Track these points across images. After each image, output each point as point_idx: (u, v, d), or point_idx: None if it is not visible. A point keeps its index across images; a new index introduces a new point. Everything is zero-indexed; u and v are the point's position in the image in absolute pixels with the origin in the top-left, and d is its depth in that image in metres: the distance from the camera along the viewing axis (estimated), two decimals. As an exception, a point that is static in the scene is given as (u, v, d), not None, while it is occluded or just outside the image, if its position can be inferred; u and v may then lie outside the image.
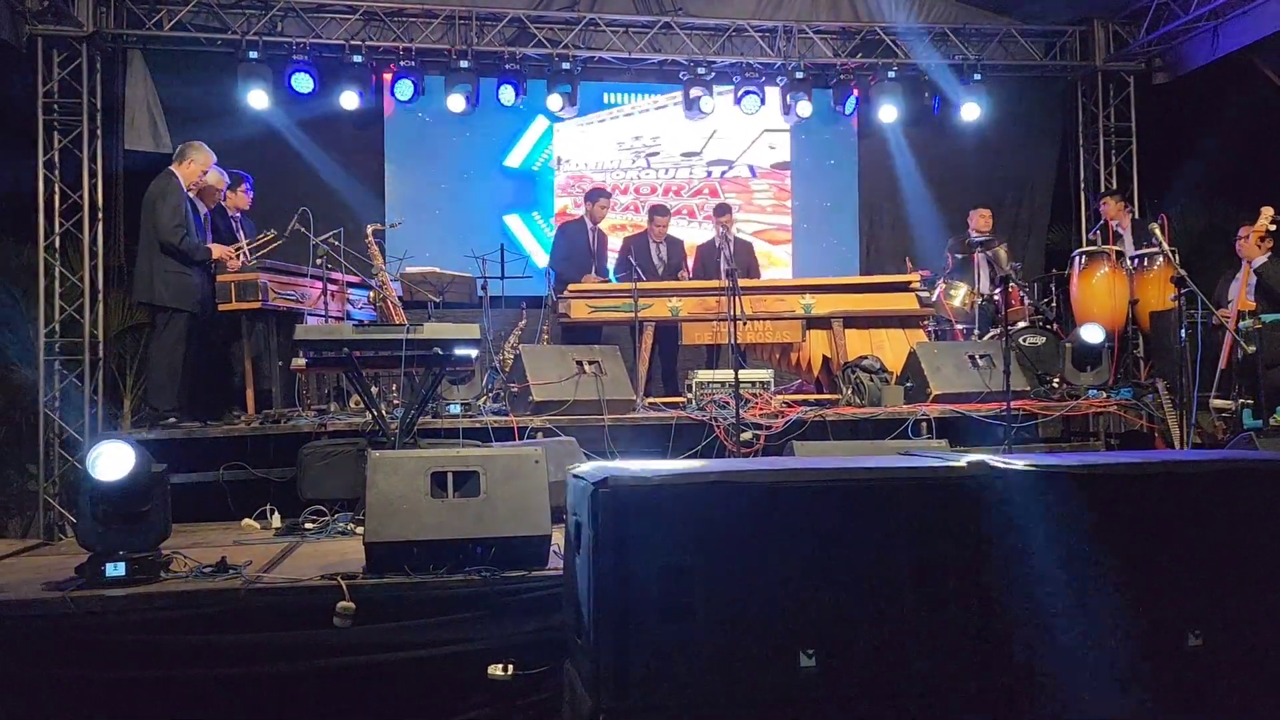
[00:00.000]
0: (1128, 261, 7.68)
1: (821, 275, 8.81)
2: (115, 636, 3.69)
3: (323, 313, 6.51)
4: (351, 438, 5.67)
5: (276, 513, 5.46)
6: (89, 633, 3.68)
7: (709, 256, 8.08)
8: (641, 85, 9.70)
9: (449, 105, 8.80)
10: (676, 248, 8.28)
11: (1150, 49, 9.30)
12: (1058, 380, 6.94)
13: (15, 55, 7.64)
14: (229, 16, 8.49)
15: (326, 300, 6.50)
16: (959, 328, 8.06)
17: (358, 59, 8.54)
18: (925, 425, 6.19)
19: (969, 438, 6.14)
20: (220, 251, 6.41)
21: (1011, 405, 5.92)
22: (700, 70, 9.10)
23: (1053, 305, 8.15)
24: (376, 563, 3.92)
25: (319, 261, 6.39)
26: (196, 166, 6.50)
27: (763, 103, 9.29)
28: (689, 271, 8.13)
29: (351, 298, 7.07)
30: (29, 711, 3.61)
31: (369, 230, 7.07)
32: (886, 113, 9.33)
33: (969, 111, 9.34)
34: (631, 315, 6.96)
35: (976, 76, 9.23)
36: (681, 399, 6.78)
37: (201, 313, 6.39)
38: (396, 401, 6.34)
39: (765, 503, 2.93)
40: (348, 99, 8.62)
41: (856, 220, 9.98)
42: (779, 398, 6.74)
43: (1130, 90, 9.50)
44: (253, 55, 8.26)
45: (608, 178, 9.51)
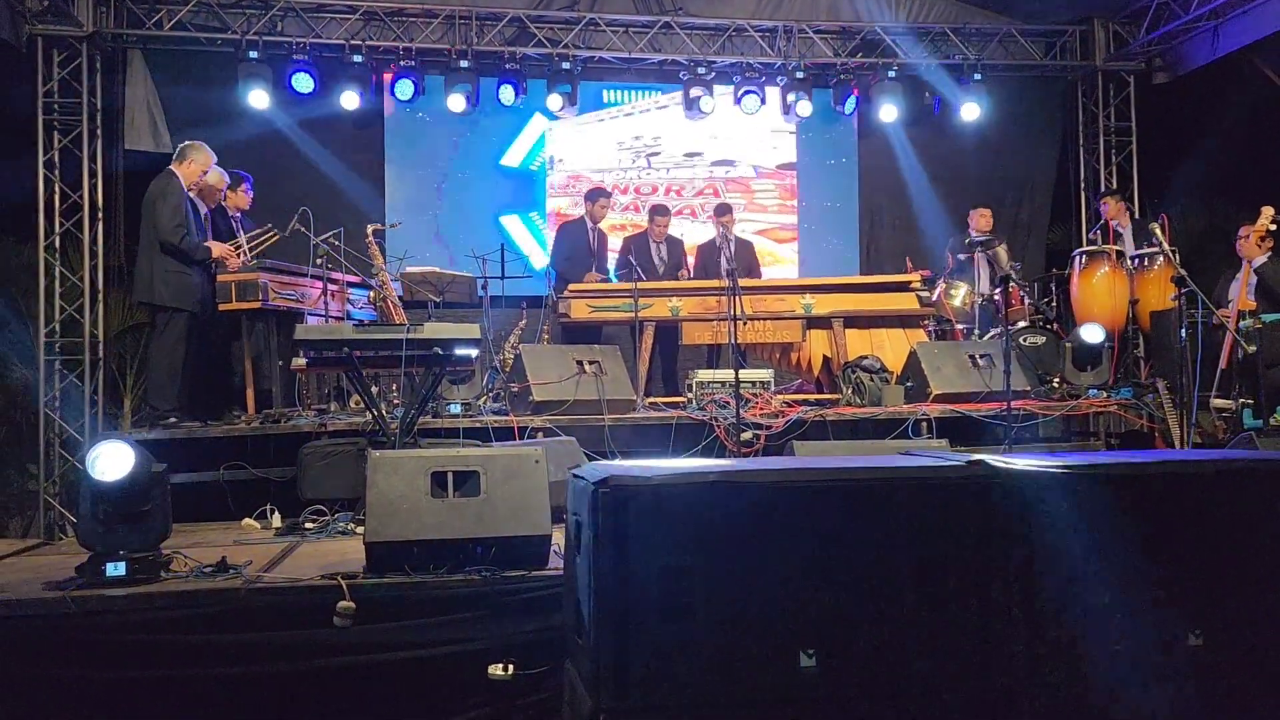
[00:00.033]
0: (1128, 261, 7.69)
1: (823, 274, 8.82)
2: (115, 636, 3.69)
3: (323, 312, 6.52)
4: (352, 437, 5.67)
5: (277, 512, 5.46)
6: (89, 632, 3.68)
7: (709, 256, 8.07)
8: (641, 85, 9.69)
9: (449, 105, 8.79)
10: (677, 247, 8.27)
11: (1150, 49, 9.30)
12: (1058, 380, 6.94)
13: (15, 55, 7.63)
14: (229, 16, 8.48)
15: (327, 300, 6.50)
16: (959, 327, 8.06)
17: (358, 59, 8.53)
18: (925, 425, 6.19)
19: (969, 437, 6.14)
20: (220, 250, 6.40)
21: (1012, 405, 5.92)
22: (700, 70, 9.09)
23: (1053, 305, 8.15)
24: (377, 562, 3.92)
25: (319, 261, 6.39)
26: (197, 166, 6.50)
27: (763, 102, 9.28)
28: (689, 271, 8.13)
29: (352, 297, 7.07)
30: (29, 711, 3.61)
31: (369, 230, 7.07)
32: (887, 112, 9.32)
33: (969, 111, 9.33)
34: (632, 315, 6.96)
35: (977, 76, 9.22)
36: (682, 399, 6.78)
37: (202, 312, 6.39)
38: (397, 401, 6.34)
39: (766, 503, 2.93)
40: (348, 99, 8.61)
41: (857, 220, 9.98)
42: (779, 397, 6.74)
43: (1130, 90, 9.49)
44: (253, 55, 8.26)
45: (606, 178, 9.49)
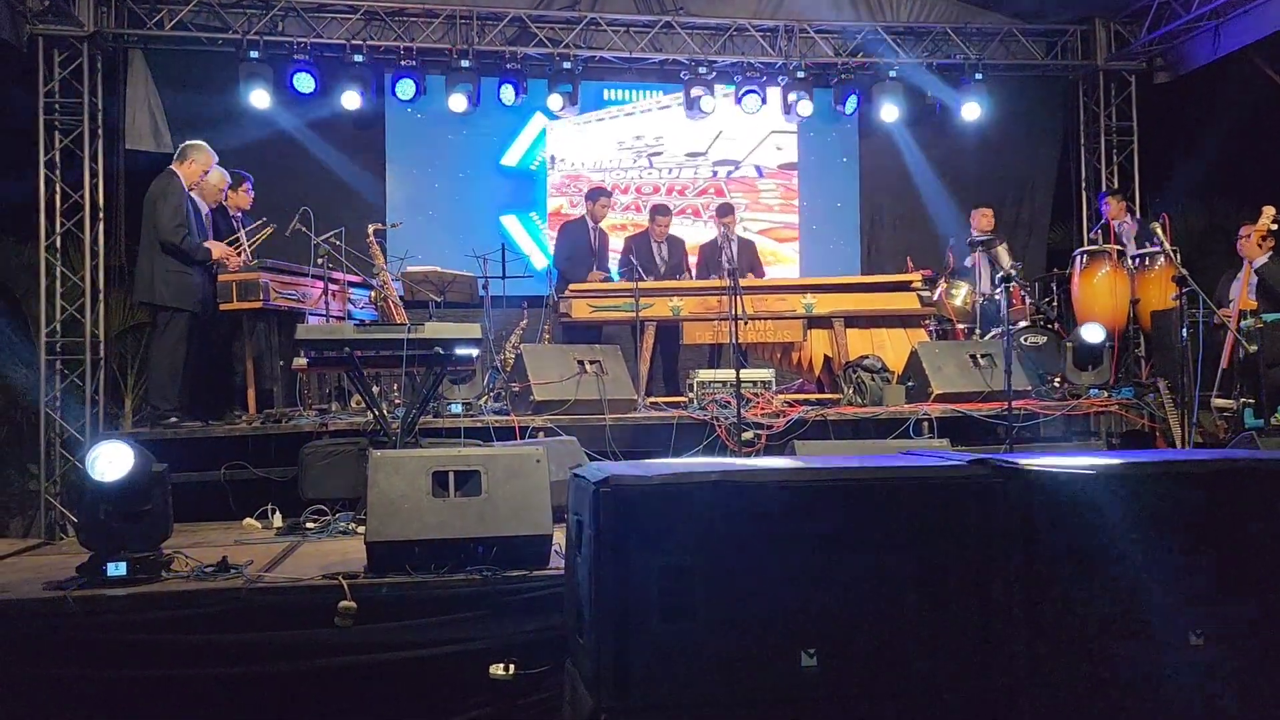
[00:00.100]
0: (1129, 261, 7.68)
1: (825, 274, 8.82)
2: (116, 636, 3.69)
3: (324, 312, 6.52)
4: (353, 437, 5.67)
5: (278, 512, 5.45)
6: (90, 632, 3.67)
7: (711, 256, 8.07)
8: (642, 85, 9.68)
9: (450, 105, 8.79)
10: (678, 247, 8.27)
11: (1151, 48, 9.29)
12: (1059, 380, 6.94)
13: (16, 55, 7.64)
14: (230, 16, 8.49)
15: (328, 300, 6.50)
16: (960, 327, 8.06)
17: (359, 59, 8.53)
18: (927, 425, 6.19)
19: (970, 437, 6.15)
20: (220, 251, 6.40)
21: (1013, 405, 5.92)
22: (701, 70, 9.09)
23: (1054, 305, 8.15)
24: (378, 562, 3.92)
25: (320, 261, 6.40)
26: (198, 166, 6.50)
27: (764, 102, 9.27)
28: (691, 272, 8.12)
29: (353, 297, 7.07)
30: (30, 711, 3.61)
31: (370, 230, 7.07)
32: (888, 112, 9.31)
33: (970, 111, 9.33)
34: (633, 315, 6.96)
35: (978, 76, 9.22)
36: (683, 398, 6.78)
37: (203, 312, 6.39)
38: (398, 401, 6.34)
39: (767, 502, 2.93)
40: (349, 99, 8.61)
41: (858, 220, 9.98)
42: (780, 397, 6.74)
43: (1131, 89, 9.49)
44: (254, 55, 8.26)
45: (606, 177, 9.49)
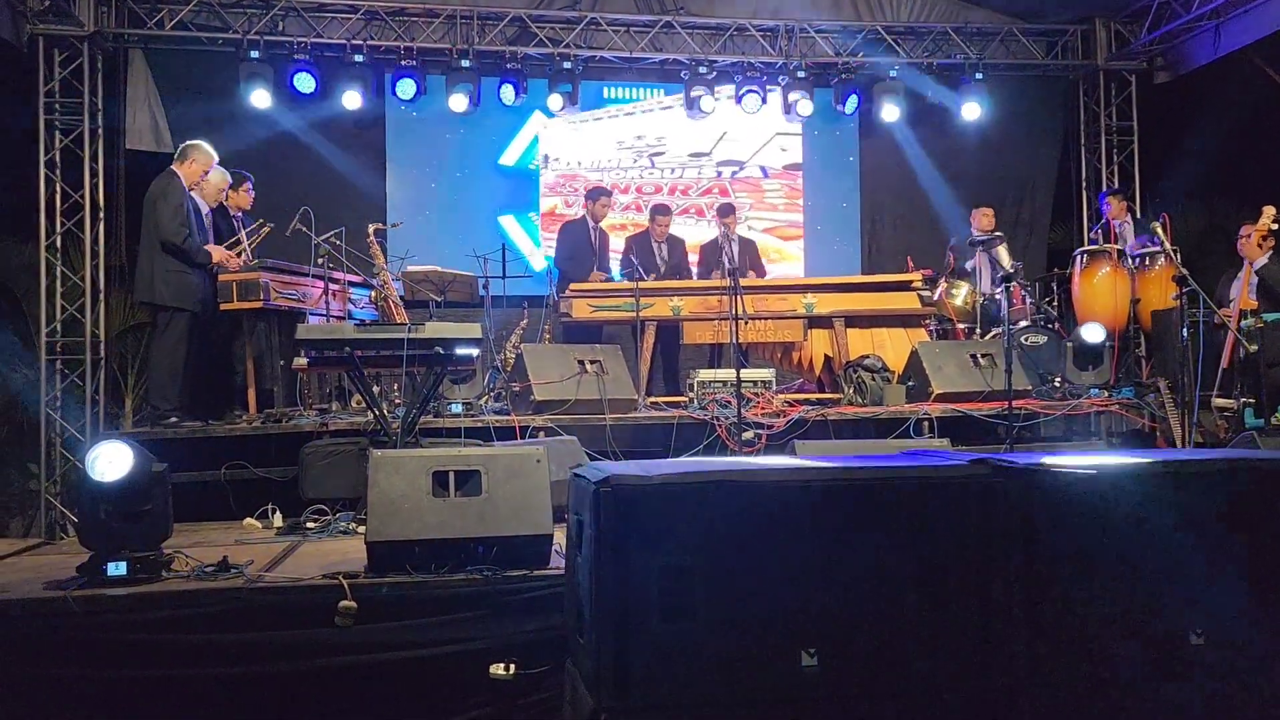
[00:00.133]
0: (1129, 261, 7.68)
1: (826, 274, 8.83)
2: (116, 636, 3.69)
3: (324, 312, 6.52)
4: (353, 437, 5.67)
5: (278, 512, 5.46)
6: (90, 632, 3.68)
7: (712, 256, 8.07)
8: (643, 84, 9.67)
9: (451, 105, 8.78)
10: (678, 247, 8.27)
11: (1152, 48, 9.29)
12: (1059, 379, 6.93)
13: (16, 55, 7.63)
14: (230, 16, 8.48)
15: (328, 299, 6.50)
16: (961, 327, 8.06)
17: (359, 58, 8.52)
18: (927, 424, 6.20)
19: (971, 437, 6.15)
20: (220, 255, 6.41)
21: (1013, 404, 5.92)
22: (702, 70, 9.08)
23: (1054, 304, 8.15)
24: (378, 562, 3.92)
25: (321, 261, 6.40)
26: (198, 166, 6.51)
27: (764, 101, 9.25)
28: (692, 271, 8.12)
29: (353, 297, 7.06)
30: (30, 711, 3.61)
31: (370, 230, 7.06)
32: (888, 112, 9.30)
33: (970, 111, 9.32)
34: (633, 314, 6.96)
35: (978, 76, 9.21)
36: (683, 398, 6.78)
37: (203, 312, 6.39)
38: (398, 401, 6.34)
39: (767, 502, 2.93)
40: (349, 98, 8.60)
41: (859, 219, 9.97)
42: (781, 397, 6.74)
43: (1132, 89, 9.48)
44: (254, 55, 8.25)
45: (605, 177, 9.47)
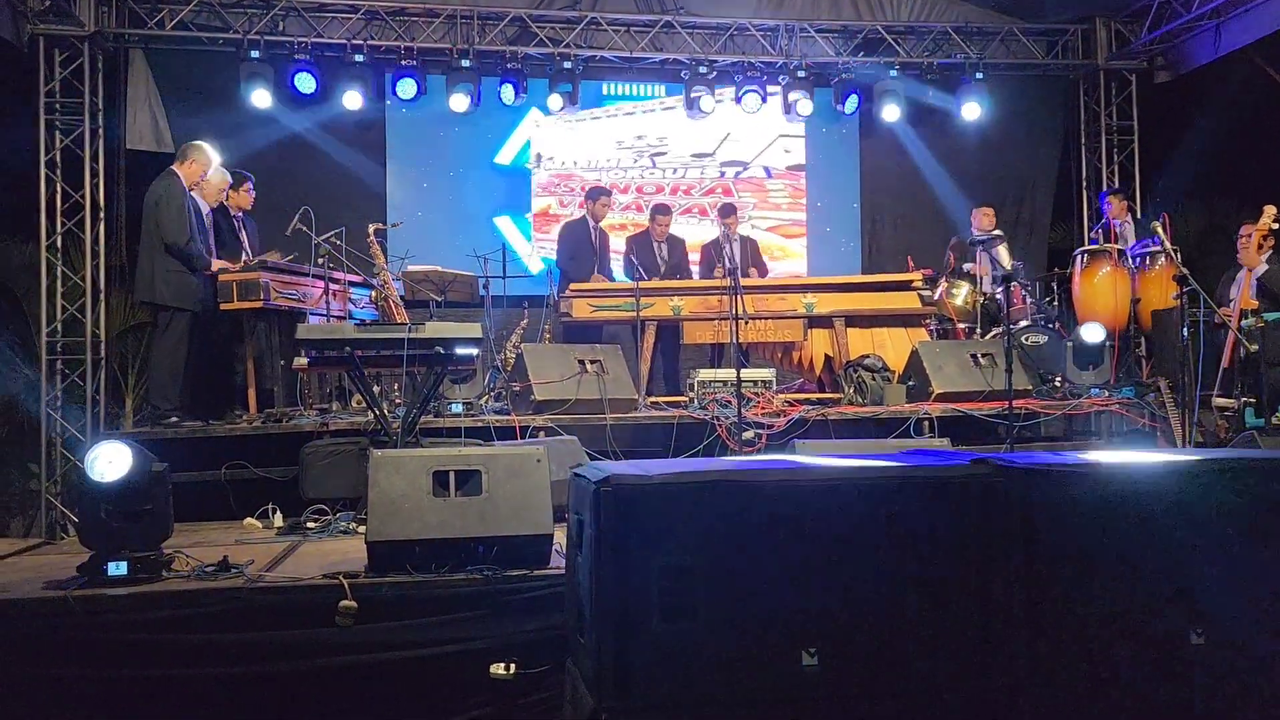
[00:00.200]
0: (1129, 260, 7.68)
1: (827, 274, 8.83)
2: (117, 635, 3.69)
3: (324, 312, 6.52)
4: (353, 437, 5.67)
5: (279, 512, 5.46)
6: (90, 632, 3.68)
7: (714, 255, 8.08)
8: (645, 84, 9.66)
9: (451, 105, 8.78)
10: (678, 247, 8.27)
11: (1152, 47, 9.28)
12: (1060, 379, 6.93)
13: (16, 55, 7.63)
14: (230, 16, 8.48)
15: (328, 299, 6.50)
16: (961, 326, 8.06)
17: (359, 58, 8.52)
18: (927, 424, 6.19)
19: (971, 437, 6.15)
20: (220, 268, 6.45)
21: (1013, 404, 5.92)
22: (702, 69, 9.07)
23: (1055, 304, 8.14)
24: (378, 562, 3.92)
25: (321, 261, 6.40)
26: (198, 166, 6.51)
27: (764, 100, 9.25)
28: (693, 270, 8.12)
29: (353, 297, 7.07)
30: (30, 711, 3.61)
31: (371, 229, 7.05)
32: (889, 112, 9.29)
33: (971, 110, 9.31)
34: (633, 314, 6.96)
35: (978, 75, 9.21)
36: (683, 398, 6.78)
37: (203, 312, 6.40)
38: (398, 400, 6.34)
39: (767, 502, 2.93)
40: (349, 98, 8.60)
41: (859, 219, 9.97)
42: (781, 397, 6.75)
43: (1132, 89, 9.48)
44: (254, 55, 8.24)
45: (603, 176, 9.45)
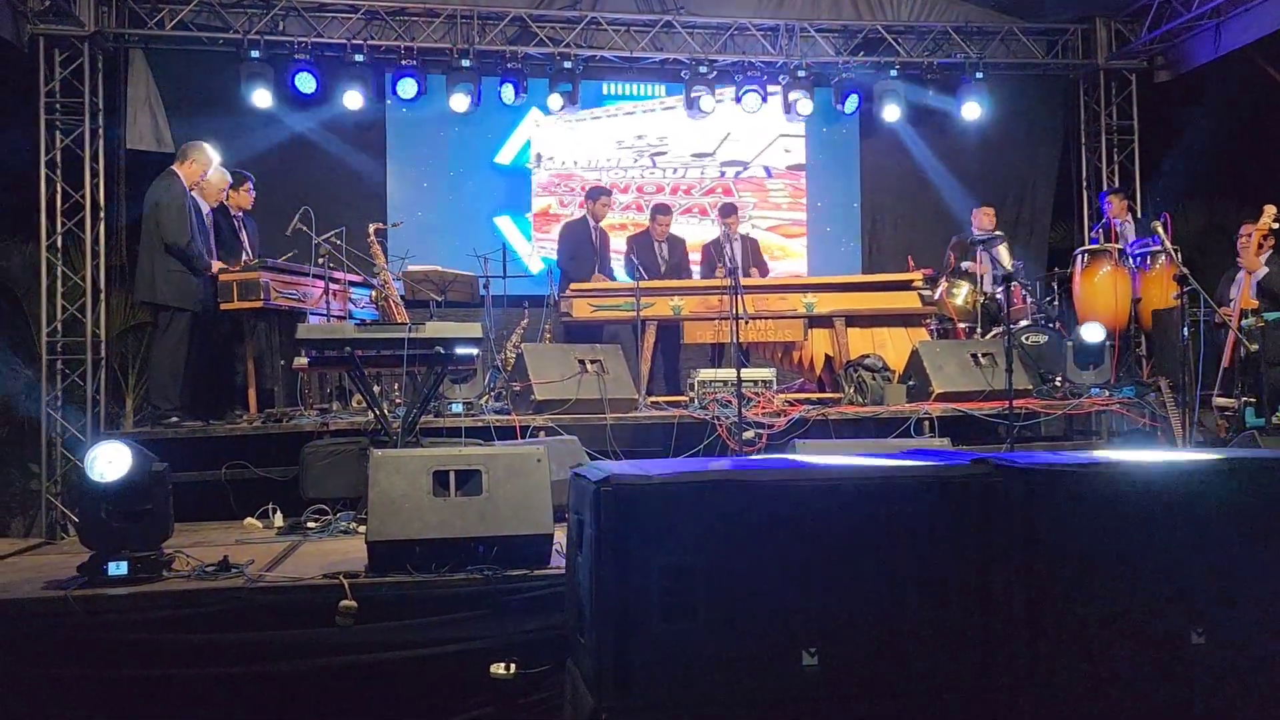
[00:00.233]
0: (1130, 260, 7.67)
1: (828, 273, 8.83)
2: (117, 635, 3.69)
3: (325, 312, 6.52)
4: (354, 437, 5.67)
5: (279, 512, 5.45)
6: (91, 632, 3.68)
7: (714, 255, 8.08)
8: (645, 84, 9.65)
9: (452, 105, 8.77)
10: (679, 246, 8.27)
11: (1152, 47, 9.28)
12: (1060, 379, 6.93)
13: (16, 55, 7.63)
14: (230, 16, 8.48)
15: (328, 299, 6.50)
16: (961, 326, 8.06)
17: (359, 58, 8.52)
18: (928, 424, 6.20)
19: (971, 436, 6.15)
20: (220, 268, 6.46)
21: (1014, 404, 5.91)
22: (702, 69, 9.07)
23: (1055, 304, 8.14)
24: (379, 561, 3.92)
25: (321, 260, 6.40)
26: (199, 166, 6.52)
27: (764, 100, 9.26)
28: (693, 270, 8.12)
29: (353, 296, 7.07)
30: (30, 711, 3.61)
31: (371, 229, 7.05)
32: (889, 112, 9.29)
33: (971, 110, 9.31)
34: (634, 314, 6.96)
35: (978, 75, 9.21)
36: (684, 398, 6.78)
37: (203, 312, 6.41)
38: (399, 400, 6.35)
39: (768, 502, 2.93)
40: (349, 98, 8.60)
41: (859, 219, 9.97)
42: (781, 396, 6.75)
43: (1132, 88, 9.48)
44: (255, 55, 8.25)
45: (603, 176, 9.44)
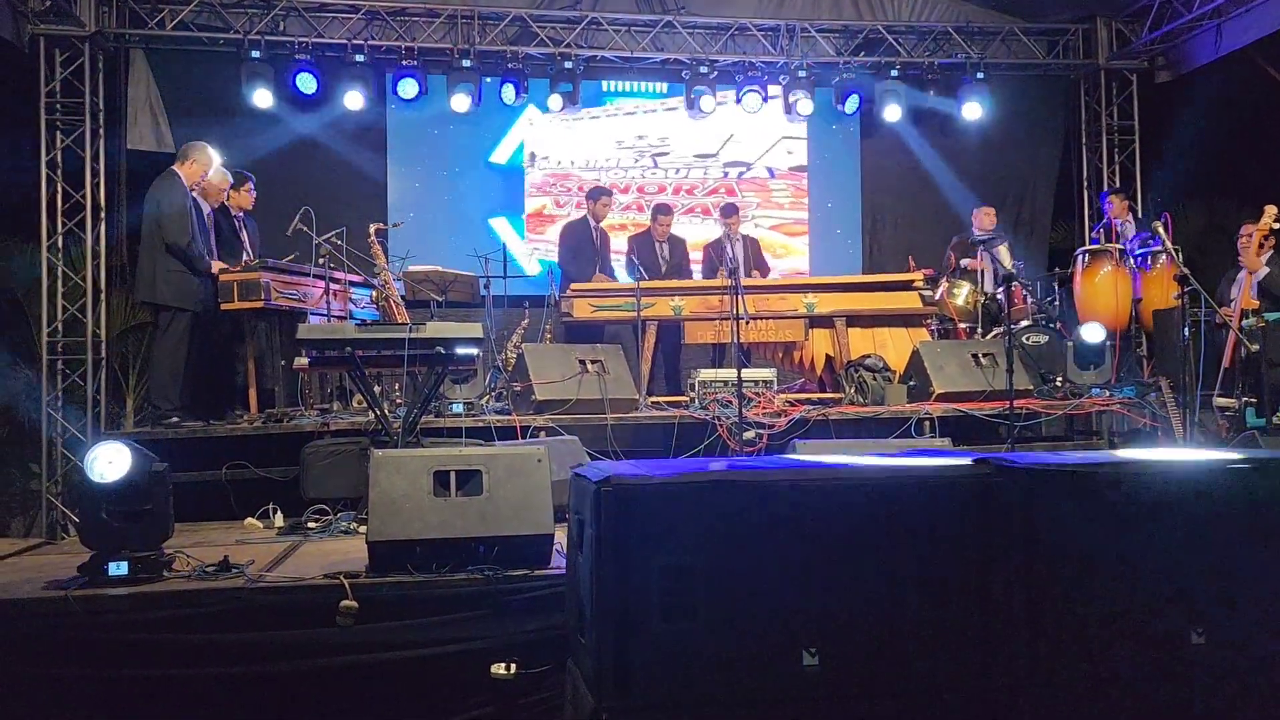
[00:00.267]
0: (1130, 260, 7.67)
1: (829, 273, 8.82)
2: (117, 635, 3.69)
3: (325, 312, 6.52)
4: (354, 437, 5.67)
5: (279, 512, 5.45)
6: (91, 632, 3.68)
7: (716, 255, 8.08)
8: (646, 83, 9.65)
9: (453, 105, 8.77)
10: (679, 246, 8.27)
11: (1153, 47, 9.28)
12: (1061, 379, 6.93)
13: (17, 55, 7.64)
14: (231, 16, 8.48)
15: (329, 299, 6.50)
16: (962, 326, 8.05)
17: (360, 58, 8.52)
18: (928, 424, 6.20)
19: (972, 437, 6.15)
20: (221, 268, 6.45)
21: (1014, 404, 5.91)
22: (703, 69, 9.07)
23: (1055, 304, 8.14)
24: (379, 562, 3.92)
25: (321, 261, 6.40)
26: (199, 166, 6.52)
27: (765, 100, 9.25)
28: (694, 270, 8.12)
29: (354, 297, 7.07)
30: (30, 711, 3.61)
31: (371, 229, 7.05)
32: (890, 112, 9.28)
33: (971, 110, 9.31)
34: (634, 314, 6.96)
35: (979, 75, 9.20)
36: (684, 398, 6.78)
37: (204, 312, 6.41)
38: (399, 400, 6.35)
39: (768, 502, 2.92)
40: (350, 99, 8.59)
41: (860, 219, 9.97)
42: (782, 397, 6.74)
43: (1133, 88, 9.47)
44: (255, 55, 8.24)
45: (601, 176, 9.43)
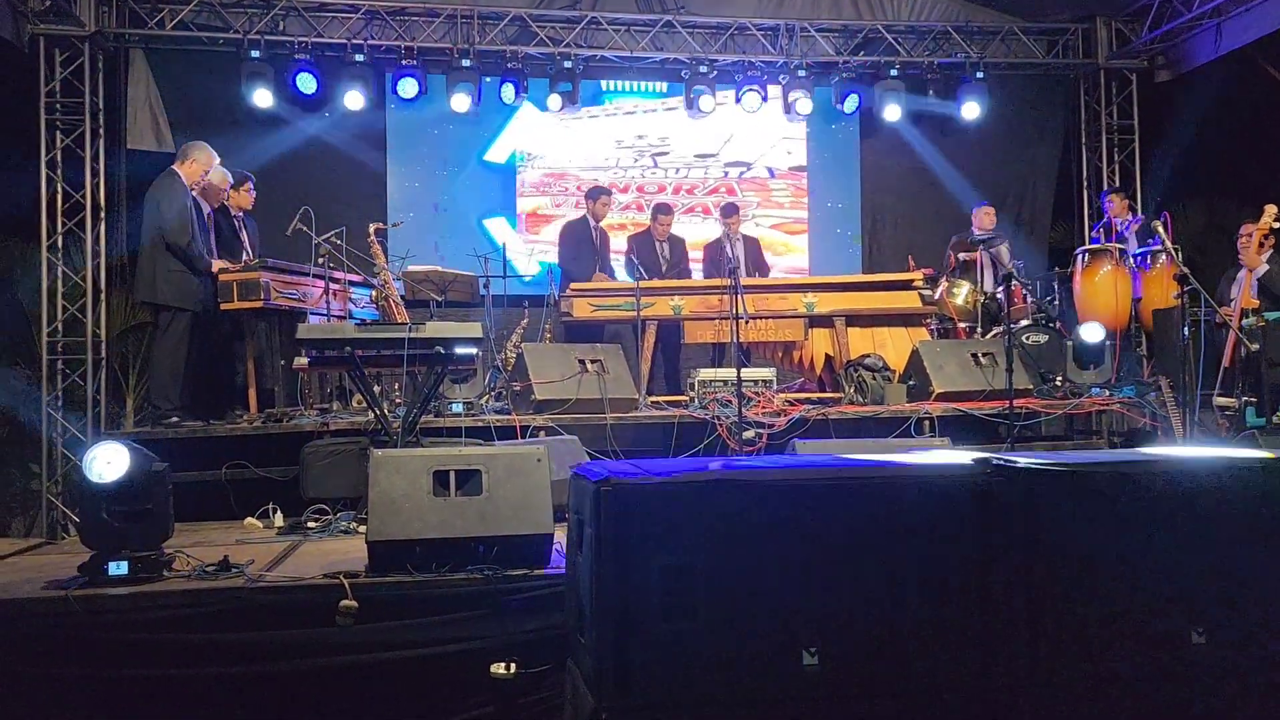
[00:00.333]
0: (1130, 260, 7.67)
1: (831, 273, 8.82)
2: (117, 635, 3.69)
3: (325, 311, 6.52)
4: (354, 437, 5.67)
5: (279, 512, 5.46)
6: (91, 632, 3.68)
7: (715, 255, 8.08)
8: (646, 83, 9.64)
9: (453, 105, 8.77)
10: (679, 246, 8.27)
11: (1153, 46, 9.28)
12: (1060, 378, 6.93)
13: (17, 55, 7.64)
14: (231, 16, 8.48)
15: (329, 299, 6.50)
16: (962, 326, 8.06)
17: (360, 58, 8.52)
18: (928, 424, 6.19)
19: (972, 436, 6.15)
20: (220, 267, 6.46)
21: (1014, 403, 5.91)
22: (702, 69, 9.07)
23: (1055, 303, 8.14)
24: (379, 561, 3.92)
25: (321, 260, 6.40)
26: (199, 166, 6.52)
27: (764, 99, 9.25)
28: (694, 269, 8.12)
29: (354, 296, 7.07)
30: (30, 711, 3.61)
31: (371, 229, 7.05)
32: (889, 111, 9.29)
33: (971, 110, 9.31)
34: (634, 314, 6.96)
35: (979, 75, 9.20)
36: (684, 397, 6.78)
37: (204, 312, 6.41)
38: (399, 400, 6.34)
39: (768, 502, 2.92)
40: (350, 98, 8.59)
41: (859, 218, 9.97)
42: (781, 396, 6.74)
43: (1133, 88, 9.47)
44: (255, 55, 8.25)
45: (600, 176, 9.42)
